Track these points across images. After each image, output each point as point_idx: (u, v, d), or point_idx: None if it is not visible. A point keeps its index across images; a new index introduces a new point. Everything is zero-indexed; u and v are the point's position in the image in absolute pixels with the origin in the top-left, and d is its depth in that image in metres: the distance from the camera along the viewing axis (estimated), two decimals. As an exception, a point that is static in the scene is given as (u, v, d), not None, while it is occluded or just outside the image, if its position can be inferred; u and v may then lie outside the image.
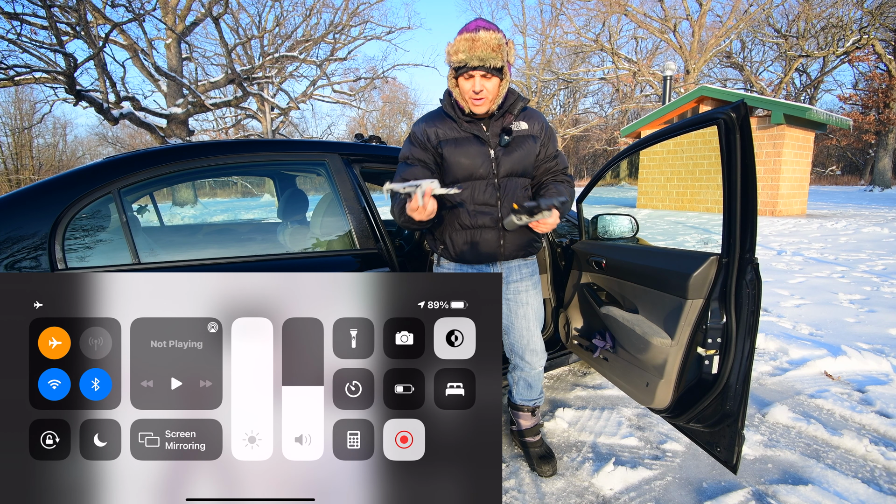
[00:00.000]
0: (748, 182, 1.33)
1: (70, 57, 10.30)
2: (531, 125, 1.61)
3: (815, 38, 26.38)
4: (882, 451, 1.88)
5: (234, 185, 28.19)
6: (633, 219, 2.28)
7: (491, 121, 1.59)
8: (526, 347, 1.75)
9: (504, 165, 1.58)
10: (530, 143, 1.60)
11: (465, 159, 1.55)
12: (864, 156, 31.94)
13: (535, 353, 1.76)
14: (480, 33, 1.41)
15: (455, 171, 1.57)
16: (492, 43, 1.41)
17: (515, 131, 1.58)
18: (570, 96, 37.17)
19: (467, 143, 1.56)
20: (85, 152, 33.30)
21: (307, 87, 20.44)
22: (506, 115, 1.59)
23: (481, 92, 1.47)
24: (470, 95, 1.49)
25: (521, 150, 1.59)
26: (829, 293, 4.34)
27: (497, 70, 1.45)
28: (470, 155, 1.55)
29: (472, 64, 1.43)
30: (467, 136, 1.57)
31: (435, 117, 1.61)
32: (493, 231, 1.61)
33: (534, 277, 1.77)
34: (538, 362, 1.78)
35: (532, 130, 1.61)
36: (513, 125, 1.59)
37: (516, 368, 1.83)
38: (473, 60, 1.42)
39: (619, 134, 18.15)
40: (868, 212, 11.74)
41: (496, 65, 1.43)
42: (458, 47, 1.43)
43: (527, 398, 1.86)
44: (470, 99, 1.50)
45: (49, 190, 1.39)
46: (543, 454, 1.85)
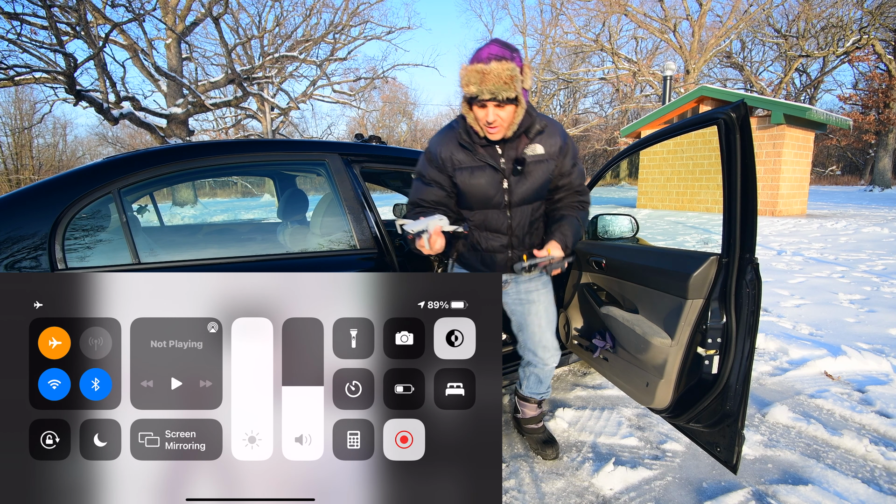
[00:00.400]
0: (748, 182, 1.33)
1: (70, 57, 10.31)
2: (547, 147, 1.57)
3: (815, 38, 26.38)
4: (882, 451, 1.88)
5: (234, 185, 28.20)
6: (633, 219, 2.28)
7: (506, 144, 1.55)
8: (538, 344, 1.80)
9: (517, 194, 1.57)
10: (544, 167, 1.57)
11: (479, 189, 1.56)
12: (864, 156, 31.94)
13: (548, 350, 1.80)
14: (492, 65, 1.35)
15: (469, 199, 1.58)
16: (504, 76, 1.36)
17: (529, 157, 1.55)
18: (570, 96, 37.17)
19: (481, 172, 1.55)
20: (85, 152, 33.30)
21: (307, 87, 20.45)
22: (521, 138, 1.55)
23: (495, 121, 1.44)
24: (486, 125, 1.46)
25: (535, 176, 1.56)
26: (829, 293, 4.34)
27: (511, 100, 1.41)
28: (483, 185, 1.55)
29: (483, 97, 1.39)
30: (481, 164, 1.55)
31: (451, 141, 1.57)
32: (503, 254, 1.66)
33: (544, 277, 1.81)
34: (551, 359, 1.81)
35: (547, 153, 1.57)
36: (527, 150, 1.55)
37: (529, 364, 1.88)
38: (485, 94, 1.38)
39: (619, 134, 18.15)
40: (868, 212, 11.74)
41: (509, 96, 1.39)
42: (469, 79, 1.39)
43: (535, 392, 1.93)
44: (486, 128, 1.47)
45: (49, 190, 1.39)
46: (546, 439, 1.93)
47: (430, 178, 1.59)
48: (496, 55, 1.37)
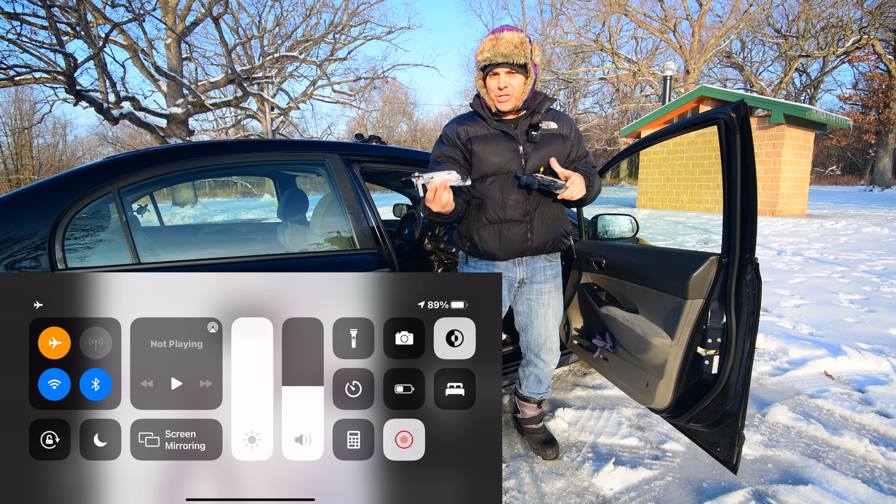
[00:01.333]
0: (748, 182, 1.33)
1: (70, 57, 10.30)
2: (560, 125, 1.65)
3: (815, 38, 26.37)
4: (882, 451, 1.88)
5: (234, 185, 28.19)
6: (633, 219, 2.28)
7: (519, 119, 1.63)
8: (542, 346, 1.81)
9: (532, 160, 1.60)
10: (559, 142, 1.63)
11: (495, 155, 1.60)
12: (864, 156, 31.93)
13: (551, 352, 1.83)
14: (504, 33, 1.49)
15: (485, 167, 1.61)
16: (514, 41, 1.48)
17: (543, 128, 1.62)
18: (570, 96, 37.17)
19: (496, 139, 1.61)
20: (85, 152, 33.30)
21: (307, 87, 20.45)
22: (534, 115, 1.63)
23: (506, 88, 1.52)
24: (495, 93, 1.54)
25: (551, 147, 1.62)
26: (829, 293, 4.34)
27: (521, 67, 1.50)
28: (499, 150, 1.60)
29: (496, 61, 1.48)
30: (496, 132, 1.61)
31: (465, 118, 1.66)
32: (520, 225, 1.64)
33: (556, 279, 1.82)
34: (553, 361, 1.84)
35: (562, 130, 1.64)
36: (541, 123, 1.62)
37: (530, 364, 1.89)
38: (497, 57, 1.48)
39: (619, 134, 18.15)
40: (868, 212, 11.74)
41: (519, 61, 1.48)
42: (483, 47, 1.51)
43: (535, 392, 1.94)
44: (495, 96, 1.54)
45: (49, 190, 1.39)
46: (546, 439, 1.94)
47: (443, 155, 1.64)
48: (508, 28, 1.51)
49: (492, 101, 1.58)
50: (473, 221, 1.67)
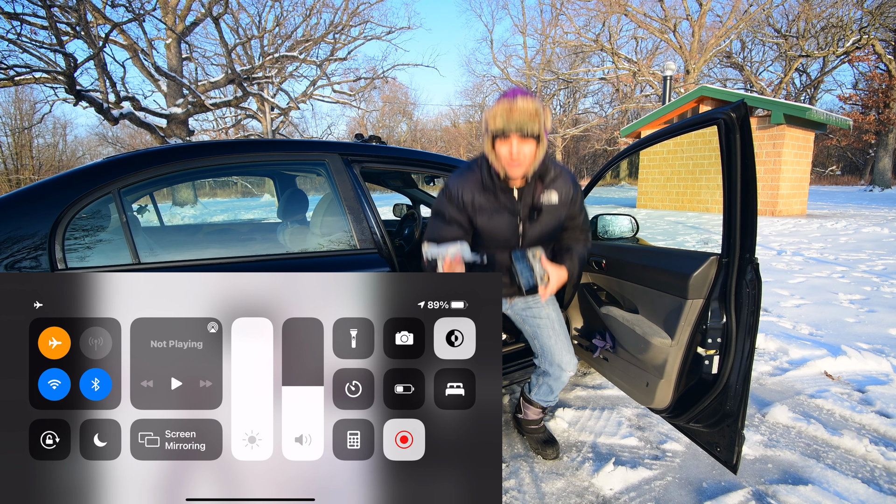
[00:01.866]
0: (748, 182, 1.33)
1: (70, 57, 10.30)
2: (561, 194, 1.63)
3: (815, 38, 26.37)
4: (882, 451, 1.88)
5: (234, 185, 28.20)
6: (633, 219, 2.28)
7: (523, 190, 1.60)
8: (553, 360, 1.78)
9: (529, 236, 1.64)
10: (556, 214, 1.65)
11: (497, 231, 1.62)
12: (864, 156, 31.93)
13: (565, 364, 1.77)
14: (518, 100, 1.43)
15: (486, 239, 1.65)
16: (530, 110, 1.43)
17: (545, 205, 1.61)
18: (570, 96, 37.18)
19: (499, 216, 1.60)
20: (85, 152, 33.31)
21: (307, 87, 20.44)
22: (538, 184, 1.60)
23: (518, 156, 1.47)
24: (506, 160, 1.49)
25: (548, 221, 1.64)
26: (829, 293, 4.34)
27: (535, 136, 1.46)
28: (500, 228, 1.62)
29: (510, 130, 1.44)
30: (500, 209, 1.60)
31: (470, 180, 1.61)
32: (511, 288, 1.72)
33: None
34: (568, 371, 1.78)
35: (561, 202, 1.64)
36: (543, 198, 1.61)
37: (545, 374, 1.84)
38: (511, 126, 1.43)
39: (619, 134, 18.15)
40: (868, 212, 11.74)
41: (533, 131, 1.44)
42: (496, 112, 1.45)
43: (544, 399, 1.92)
44: (507, 164, 1.50)
45: (49, 190, 1.39)
46: (546, 439, 1.94)
47: (450, 216, 1.62)
48: (521, 94, 1.46)
49: (500, 167, 1.52)
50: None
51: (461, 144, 41.52)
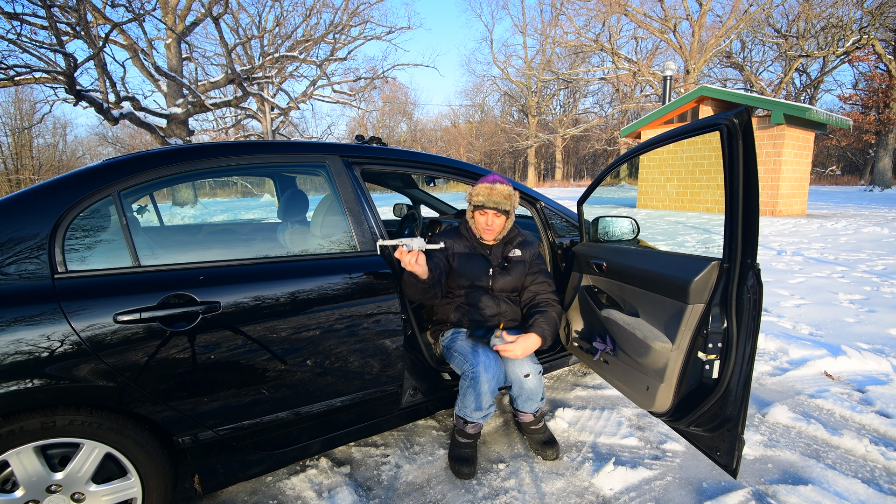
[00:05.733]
0: (750, 188, 1.32)
1: (70, 57, 10.29)
2: (524, 253, 2.06)
3: (815, 38, 26.37)
4: (882, 451, 1.89)
5: (234, 185, 28.18)
6: (634, 221, 2.27)
7: (494, 246, 2.05)
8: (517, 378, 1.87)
9: (498, 282, 2.00)
10: (521, 267, 2.05)
11: (470, 271, 1.99)
12: (864, 156, 31.91)
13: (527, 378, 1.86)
14: (497, 185, 1.93)
15: (460, 278, 1.99)
16: (504, 192, 1.92)
17: (512, 258, 2.05)
18: (570, 96, 37.20)
19: (474, 258, 2.01)
20: (85, 152, 33.30)
21: (307, 87, 20.43)
22: (507, 245, 2.06)
23: (492, 225, 1.95)
24: (482, 227, 1.97)
25: (514, 273, 2.02)
26: (829, 293, 4.34)
27: (505, 212, 1.94)
28: (474, 268, 2.00)
29: (487, 206, 1.92)
30: (475, 254, 2.02)
31: (454, 233, 2.08)
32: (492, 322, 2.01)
33: None
34: (531, 381, 1.87)
35: (524, 257, 2.06)
36: (511, 253, 2.05)
37: (514, 385, 1.91)
38: (489, 203, 1.91)
39: (619, 134, 18.14)
40: (868, 212, 11.74)
41: (505, 208, 1.93)
42: (480, 191, 1.94)
43: (530, 409, 1.95)
44: (483, 229, 1.98)
45: (49, 192, 1.39)
46: (546, 440, 1.95)
47: (435, 255, 1.97)
48: (499, 181, 1.97)
49: (478, 231, 2.00)
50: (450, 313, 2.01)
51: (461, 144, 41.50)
